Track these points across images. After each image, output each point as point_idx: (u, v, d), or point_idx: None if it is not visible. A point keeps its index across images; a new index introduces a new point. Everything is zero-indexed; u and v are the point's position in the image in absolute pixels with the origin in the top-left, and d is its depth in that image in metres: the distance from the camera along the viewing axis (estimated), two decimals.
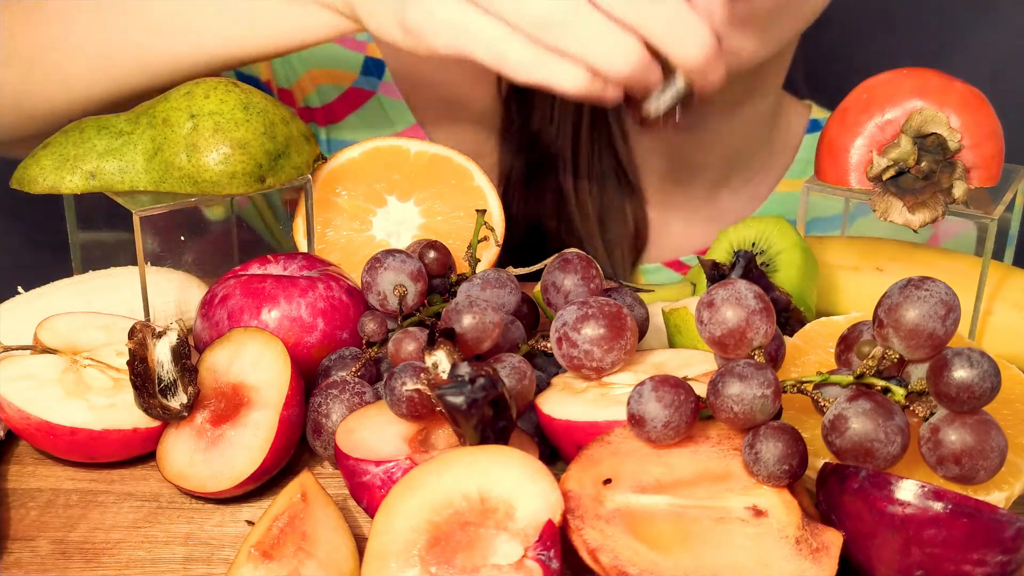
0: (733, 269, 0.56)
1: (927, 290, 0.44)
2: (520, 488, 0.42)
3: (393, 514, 0.42)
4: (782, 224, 0.61)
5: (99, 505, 0.51)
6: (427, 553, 0.41)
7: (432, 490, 0.42)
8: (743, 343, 0.45)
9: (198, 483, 0.50)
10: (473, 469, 0.43)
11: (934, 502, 0.40)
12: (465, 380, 0.44)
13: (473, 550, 0.41)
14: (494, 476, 0.42)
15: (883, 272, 0.63)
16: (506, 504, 0.42)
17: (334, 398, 0.52)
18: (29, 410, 0.51)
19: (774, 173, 0.94)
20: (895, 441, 0.43)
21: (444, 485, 0.42)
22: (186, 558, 0.48)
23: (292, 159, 0.61)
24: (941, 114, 0.56)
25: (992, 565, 0.40)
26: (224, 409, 0.52)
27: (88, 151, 0.60)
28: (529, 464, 0.43)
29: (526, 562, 0.41)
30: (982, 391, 0.42)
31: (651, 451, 0.46)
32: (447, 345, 0.46)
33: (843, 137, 0.58)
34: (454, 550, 0.41)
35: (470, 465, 0.43)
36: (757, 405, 0.43)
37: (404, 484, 0.43)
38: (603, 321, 0.50)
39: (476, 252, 0.61)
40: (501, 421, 0.45)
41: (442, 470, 0.43)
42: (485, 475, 0.42)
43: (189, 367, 0.52)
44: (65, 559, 0.47)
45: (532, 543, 0.41)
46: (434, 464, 0.43)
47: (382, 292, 0.55)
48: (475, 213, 0.63)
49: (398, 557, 0.41)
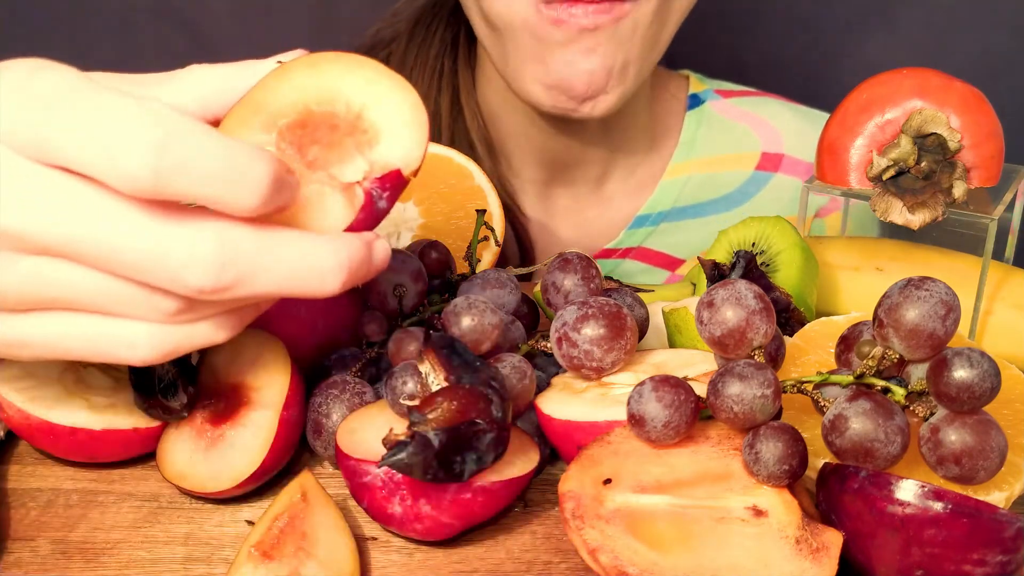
0: (733, 269, 0.56)
1: (927, 290, 0.44)
2: (396, 124, 0.42)
3: (287, 80, 0.42)
4: (782, 224, 0.61)
5: (99, 505, 0.51)
6: (287, 130, 0.42)
7: (329, 80, 0.42)
8: (743, 343, 0.45)
9: (198, 483, 0.50)
10: (371, 89, 0.42)
11: (934, 502, 0.40)
12: (405, 442, 0.43)
13: (327, 152, 0.42)
14: (385, 104, 0.42)
15: (883, 272, 0.63)
16: (375, 132, 0.42)
17: (334, 398, 0.52)
18: (29, 410, 0.51)
19: (659, 159, 0.91)
20: (895, 441, 0.43)
21: (340, 84, 0.42)
22: (186, 558, 0.48)
23: None
24: (941, 114, 0.56)
25: (992, 565, 0.40)
26: (224, 409, 0.52)
27: None
28: (417, 115, 0.42)
29: (357, 188, 0.41)
30: (982, 391, 0.42)
31: (651, 451, 0.46)
32: (432, 357, 0.46)
33: (843, 137, 0.58)
34: (312, 141, 0.42)
35: (371, 83, 0.42)
36: (757, 405, 0.43)
37: (312, 60, 0.42)
38: (603, 321, 0.50)
39: (476, 252, 0.61)
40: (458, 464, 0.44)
41: (348, 71, 0.42)
42: (377, 98, 0.42)
43: (189, 367, 0.52)
44: (65, 559, 0.47)
45: (373, 178, 0.42)
46: (347, 63, 0.43)
47: (382, 292, 0.55)
48: (475, 213, 0.63)
49: (265, 117, 0.42)
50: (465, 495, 0.46)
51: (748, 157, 0.92)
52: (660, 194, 0.90)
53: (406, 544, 0.49)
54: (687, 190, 0.91)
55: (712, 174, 0.91)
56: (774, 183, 0.91)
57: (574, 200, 0.90)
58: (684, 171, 0.91)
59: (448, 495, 0.46)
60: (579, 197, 0.90)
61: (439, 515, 0.46)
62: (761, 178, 0.91)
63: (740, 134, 0.92)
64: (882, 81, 0.58)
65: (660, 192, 0.90)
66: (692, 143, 0.91)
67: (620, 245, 0.91)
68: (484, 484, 0.46)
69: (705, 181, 0.91)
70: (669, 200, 0.90)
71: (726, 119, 0.93)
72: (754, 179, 0.91)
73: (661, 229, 0.90)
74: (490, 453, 0.44)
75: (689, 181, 0.91)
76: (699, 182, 0.91)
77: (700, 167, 0.91)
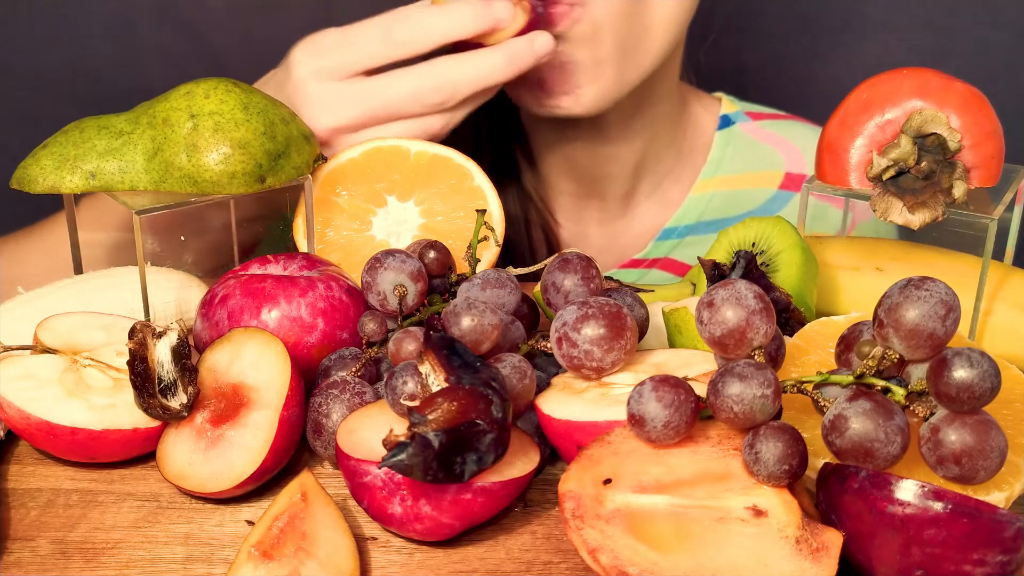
0: (733, 269, 0.56)
1: (927, 290, 0.44)
2: None
3: None
4: (782, 224, 0.61)
5: (99, 505, 0.51)
6: None
7: None
8: (743, 343, 0.45)
9: (198, 483, 0.50)
10: None
11: (934, 502, 0.40)
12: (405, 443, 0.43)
13: None
14: None
15: (883, 272, 0.63)
16: None
17: (334, 398, 0.52)
18: (29, 410, 0.51)
19: (687, 176, 0.95)
20: (895, 441, 0.43)
21: None
22: (186, 558, 0.48)
23: (292, 159, 0.61)
24: (941, 114, 0.56)
25: (992, 565, 0.40)
26: (224, 409, 0.52)
27: (88, 151, 0.60)
28: None
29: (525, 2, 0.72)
30: (982, 391, 0.42)
31: (651, 451, 0.46)
32: (432, 357, 0.46)
33: (843, 137, 0.58)
34: None
35: None
36: (757, 405, 0.43)
37: None
38: (603, 321, 0.50)
39: (476, 252, 0.61)
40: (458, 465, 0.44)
41: None
42: None
43: (189, 367, 0.52)
44: (65, 559, 0.47)
45: None
46: None
47: (382, 292, 0.55)
48: (475, 213, 0.63)
49: None
50: (465, 495, 0.46)
51: (772, 176, 0.95)
52: (687, 208, 0.93)
53: (406, 544, 0.49)
54: (713, 205, 0.94)
55: (737, 191, 0.95)
56: (796, 202, 0.95)
57: (604, 212, 0.94)
58: (711, 187, 0.94)
59: (448, 495, 0.46)
60: (609, 209, 0.94)
61: (439, 515, 0.46)
62: (784, 196, 0.95)
63: (766, 154, 0.96)
64: (882, 81, 0.58)
65: (687, 206, 0.93)
66: (720, 161, 0.94)
67: (648, 256, 0.94)
68: (484, 484, 0.46)
69: (730, 197, 0.94)
70: (695, 214, 0.93)
71: (754, 140, 0.96)
72: (777, 197, 0.95)
73: (687, 242, 0.94)
74: (490, 454, 0.44)
75: (715, 197, 0.94)
76: (725, 198, 0.94)
77: (726, 184, 0.95)
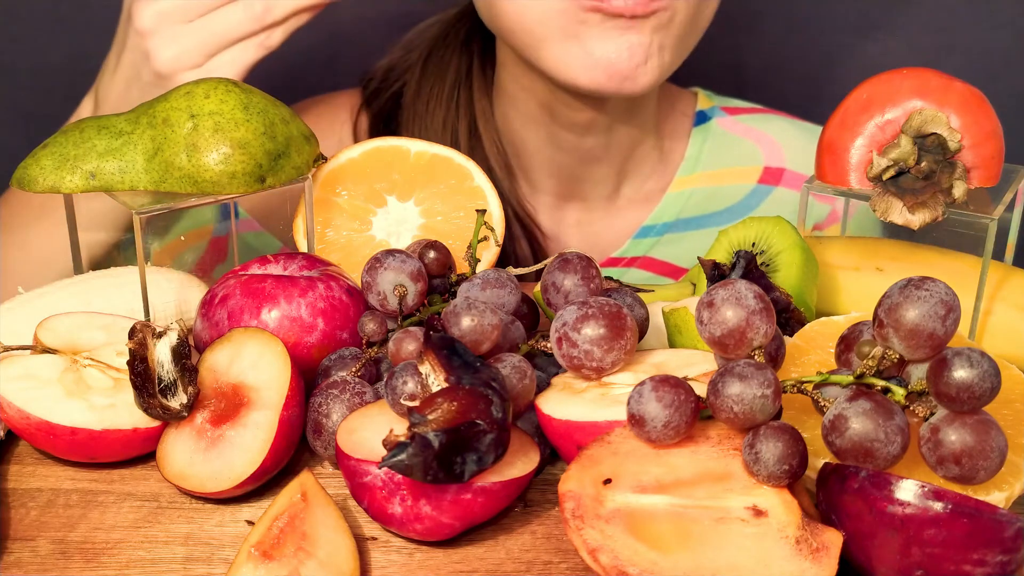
0: (733, 269, 0.56)
1: (927, 290, 0.44)
2: None
3: None
4: (782, 224, 0.61)
5: (99, 505, 0.51)
6: None
7: None
8: (743, 343, 0.45)
9: (198, 483, 0.50)
10: None
11: (934, 502, 0.40)
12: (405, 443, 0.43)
13: None
14: None
15: (883, 272, 0.63)
16: None
17: (334, 398, 0.52)
18: (29, 410, 0.51)
19: (664, 173, 0.94)
20: (895, 441, 0.43)
21: None
22: (186, 558, 0.48)
23: (292, 159, 0.61)
24: (941, 114, 0.56)
25: (992, 565, 0.40)
26: (224, 409, 0.52)
27: (88, 151, 0.60)
28: None
29: None
30: (982, 391, 0.42)
31: (651, 451, 0.46)
32: (432, 357, 0.46)
33: (843, 137, 0.58)
34: None
35: None
36: (757, 405, 0.43)
37: None
38: (603, 321, 0.50)
39: (476, 252, 0.61)
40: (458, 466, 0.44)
41: None
42: None
43: (189, 367, 0.52)
44: (65, 559, 0.47)
45: None
46: None
47: (382, 292, 0.55)
48: (475, 213, 0.63)
49: None
50: (465, 495, 0.46)
51: (751, 171, 0.94)
52: (665, 206, 0.93)
53: (406, 544, 0.49)
54: (691, 202, 0.93)
55: (716, 187, 0.94)
56: (775, 196, 0.94)
57: (586, 212, 0.93)
58: (689, 184, 0.93)
59: (448, 495, 0.46)
60: (591, 210, 0.93)
61: (439, 515, 0.46)
62: (763, 191, 0.94)
63: (744, 149, 0.95)
64: (882, 81, 0.58)
65: (665, 204, 0.93)
66: (698, 158, 0.94)
67: (626, 254, 0.93)
68: (484, 484, 0.46)
69: (709, 194, 0.94)
70: (674, 212, 0.93)
71: (731, 135, 0.95)
72: (756, 192, 0.94)
73: (665, 240, 0.93)
74: (490, 454, 0.44)
75: (693, 194, 0.93)
76: (703, 195, 0.94)
77: (704, 180, 0.94)
